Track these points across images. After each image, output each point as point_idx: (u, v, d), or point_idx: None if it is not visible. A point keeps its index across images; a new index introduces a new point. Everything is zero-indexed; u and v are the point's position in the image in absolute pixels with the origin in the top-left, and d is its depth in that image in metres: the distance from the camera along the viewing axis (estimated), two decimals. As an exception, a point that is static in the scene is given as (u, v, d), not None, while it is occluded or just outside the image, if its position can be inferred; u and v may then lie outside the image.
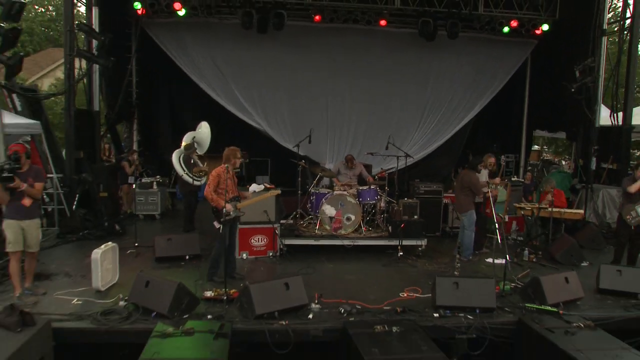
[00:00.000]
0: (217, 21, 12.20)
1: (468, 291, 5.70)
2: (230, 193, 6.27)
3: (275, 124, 12.80)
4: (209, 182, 6.39)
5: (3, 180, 5.27)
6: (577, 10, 11.82)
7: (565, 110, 12.08)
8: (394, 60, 12.87)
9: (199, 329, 4.83)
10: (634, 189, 7.09)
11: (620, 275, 6.41)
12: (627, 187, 7.18)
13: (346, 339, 4.96)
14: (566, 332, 5.05)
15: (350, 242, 8.00)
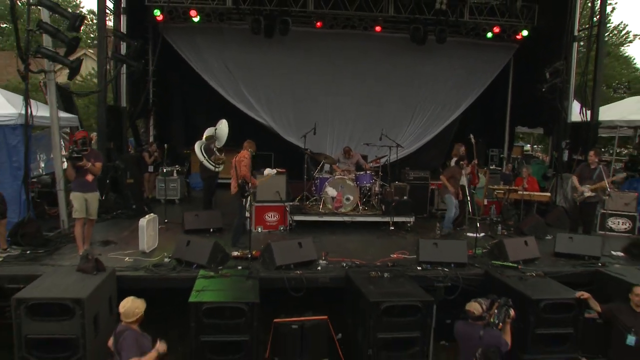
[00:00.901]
0: (227, 27, 13.60)
1: (445, 250, 7.17)
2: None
3: (279, 120, 14.20)
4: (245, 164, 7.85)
5: (73, 160, 6.70)
6: (552, 18, 13.30)
7: (543, 108, 13.56)
8: (388, 62, 14.31)
9: (233, 274, 6.29)
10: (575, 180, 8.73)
11: (572, 241, 7.90)
12: (577, 174, 8.81)
13: (348, 281, 6.43)
14: (520, 278, 6.53)
15: (350, 219, 9.47)
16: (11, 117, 8.27)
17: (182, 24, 13.37)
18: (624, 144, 18.91)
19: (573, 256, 7.72)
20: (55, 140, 8.32)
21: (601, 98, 13.64)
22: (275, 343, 5.71)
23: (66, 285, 5.61)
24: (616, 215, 9.75)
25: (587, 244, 7.85)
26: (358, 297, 5.94)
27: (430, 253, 7.15)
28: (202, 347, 5.28)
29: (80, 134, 7.02)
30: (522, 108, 15.25)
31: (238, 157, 8.18)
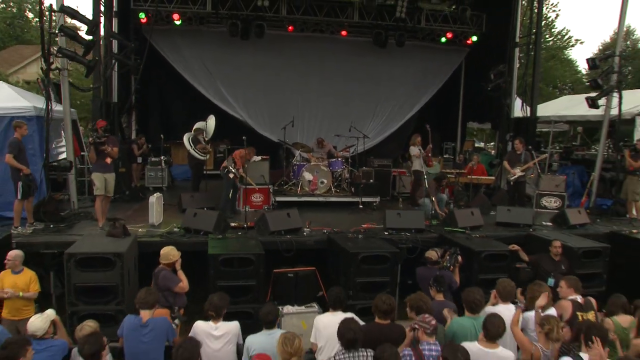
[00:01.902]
0: (206, 29, 14.98)
1: (406, 219, 8.87)
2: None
3: (254, 115, 15.64)
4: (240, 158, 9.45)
5: (97, 145, 8.02)
6: (498, 26, 15.27)
7: (490, 105, 15.50)
8: (353, 63, 16.00)
9: (237, 236, 7.76)
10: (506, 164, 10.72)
11: (510, 212, 9.73)
12: (506, 160, 10.78)
13: (330, 242, 8.02)
14: (467, 238, 8.27)
15: (324, 199, 11.05)
16: (27, 109, 9.46)
17: (164, 27, 14.62)
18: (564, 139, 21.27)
19: (510, 224, 9.55)
20: (68, 130, 9.53)
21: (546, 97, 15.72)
22: (275, 288, 7.22)
23: (103, 245, 6.97)
24: (549, 195, 11.68)
25: (522, 215, 9.71)
26: (339, 251, 7.54)
27: (394, 221, 8.82)
28: (220, 290, 6.73)
29: (102, 123, 8.35)
30: (473, 105, 17.22)
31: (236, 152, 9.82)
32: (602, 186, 12.16)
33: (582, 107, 12.79)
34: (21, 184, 8.03)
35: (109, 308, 6.48)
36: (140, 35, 14.37)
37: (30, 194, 8.22)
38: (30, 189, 8.17)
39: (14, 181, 8.11)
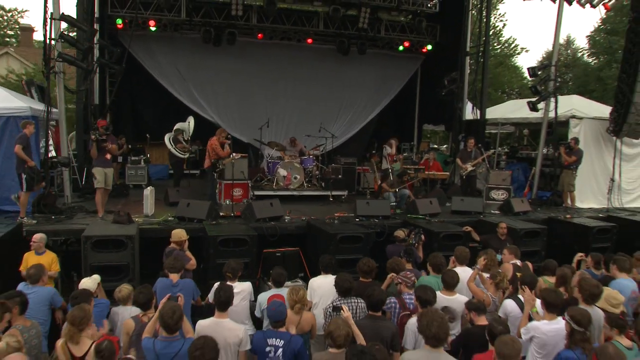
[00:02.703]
0: (180, 36, 15.98)
1: (374, 207, 10.22)
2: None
3: (225, 117, 16.69)
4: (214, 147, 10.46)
5: (99, 142, 8.99)
6: (450, 36, 16.94)
7: (444, 109, 17.10)
8: (318, 69, 17.35)
9: (229, 223, 8.89)
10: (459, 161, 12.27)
11: (463, 202, 11.24)
12: (458, 157, 12.30)
13: (310, 227, 9.27)
14: (427, 222, 9.68)
15: (298, 193, 12.27)
16: (22, 109, 10.23)
17: (140, 32, 15.49)
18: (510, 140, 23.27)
19: (464, 212, 11.05)
20: (63, 129, 10.40)
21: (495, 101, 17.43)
22: (265, 266, 8.37)
23: (114, 229, 7.98)
24: (496, 188, 13.27)
25: (473, 204, 11.25)
26: (319, 233, 8.80)
27: (364, 209, 10.16)
28: (218, 267, 7.84)
29: (103, 122, 9.31)
30: (428, 109, 18.83)
31: (209, 143, 10.81)
32: (542, 180, 13.91)
33: (525, 110, 14.49)
34: (25, 176, 8.87)
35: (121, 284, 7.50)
36: (115, 40, 15.22)
37: (34, 185, 9.06)
38: (34, 181, 9.00)
39: (18, 173, 8.93)
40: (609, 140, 13.15)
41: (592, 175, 13.00)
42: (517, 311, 5.44)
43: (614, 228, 9.93)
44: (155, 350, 4.16)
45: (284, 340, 4.49)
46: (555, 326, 4.73)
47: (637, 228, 10.40)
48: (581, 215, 11.35)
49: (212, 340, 3.81)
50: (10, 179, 9.80)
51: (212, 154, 10.87)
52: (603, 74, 28.10)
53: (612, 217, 11.28)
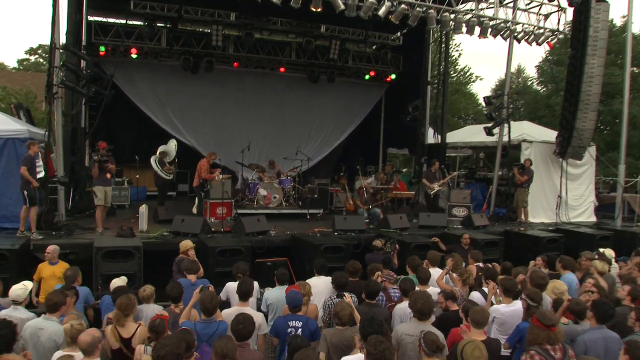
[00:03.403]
0: (158, 63, 16.95)
1: (350, 222, 11.38)
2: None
3: (202, 141, 17.63)
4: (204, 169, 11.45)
5: (101, 162, 9.87)
6: (413, 66, 18.53)
7: (407, 133, 18.57)
8: (290, 95, 18.60)
9: (222, 236, 9.87)
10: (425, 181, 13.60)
11: (429, 217, 12.54)
12: (424, 177, 13.66)
13: (295, 239, 10.35)
14: (399, 234, 10.90)
15: (277, 211, 13.32)
16: (21, 132, 10.97)
17: (121, 59, 16.38)
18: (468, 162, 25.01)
19: (430, 226, 12.33)
20: (59, 150, 11.16)
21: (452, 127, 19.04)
22: (257, 274, 9.37)
23: (122, 241, 8.84)
24: (457, 206, 14.65)
25: (438, 219, 12.58)
26: (304, 245, 9.89)
27: (342, 224, 11.31)
28: (217, 275, 8.80)
29: (103, 144, 10.20)
30: (392, 133, 20.31)
31: (199, 164, 11.82)
32: (498, 198, 15.42)
33: (481, 135, 16.06)
34: (27, 192, 9.62)
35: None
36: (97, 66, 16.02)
37: (35, 203, 9.80)
38: (35, 199, 9.76)
39: (22, 191, 9.68)
40: (556, 162, 14.81)
41: (542, 193, 14.60)
42: (482, 300, 6.66)
43: (561, 238, 11.42)
44: (196, 330, 5.12)
45: (302, 322, 5.53)
46: (512, 308, 5.95)
47: (581, 238, 11.91)
48: (533, 228, 12.86)
49: (250, 317, 4.82)
50: (8, 197, 10.52)
51: (202, 173, 11.84)
52: (551, 101, 30.42)
53: (560, 229, 12.82)
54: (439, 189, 13.75)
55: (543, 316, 4.60)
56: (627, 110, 14.86)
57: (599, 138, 23.73)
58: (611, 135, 26.76)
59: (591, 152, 15.14)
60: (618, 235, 12.23)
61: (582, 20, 13.54)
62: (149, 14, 14.96)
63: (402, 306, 6.05)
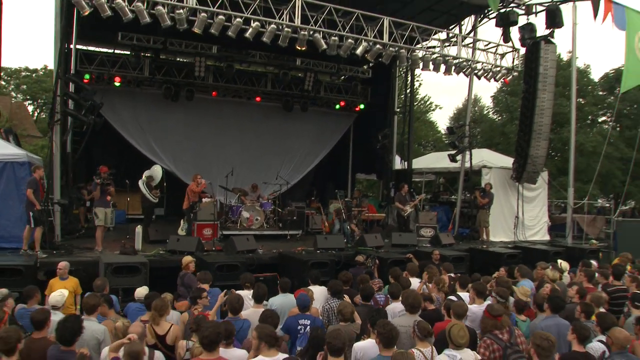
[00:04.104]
0: (140, 91, 17.84)
1: (331, 241, 12.51)
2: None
3: (181, 166, 18.49)
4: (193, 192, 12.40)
5: (104, 186, 10.72)
6: (380, 97, 20.05)
7: (375, 160, 19.97)
8: (265, 123, 19.76)
9: (217, 254, 10.83)
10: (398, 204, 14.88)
11: (401, 237, 13.81)
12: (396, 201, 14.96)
13: (282, 257, 11.39)
14: (375, 252, 12.08)
15: (259, 232, 14.33)
16: (20, 156, 11.65)
17: (103, 87, 17.20)
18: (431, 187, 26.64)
19: (402, 245, 13.58)
20: (57, 174, 11.91)
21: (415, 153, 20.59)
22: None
23: (128, 258, 9.70)
24: (425, 226, 15.98)
25: (409, 238, 13.87)
26: (292, 261, 10.94)
27: (323, 243, 12.43)
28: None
29: (105, 169, 11.05)
30: (360, 160, 21.69)
31: (189, 188, 12.78)
32: (461, 219, 16.88)
33: (444, 161, 17.58)
34: (32, 214, 10.38)
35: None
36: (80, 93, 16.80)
37: (40, 224, 10.55)
38: (39, 220, 10.51)
39: (27, 211, 10.42)
40: (513, 186, 16.42)
41: (501, 214, 16.13)
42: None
43: (519, 254, 12.85)
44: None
45: (310, 320, 6.56)
46: (482, 307, 7.16)
47: (536, 254, 13.35)
48: (494, 245, 14.29)
49: (275, 312, 5.86)
50: (6, 219, 11.15)
51: (191, 196, 12.79)
52: (506, 129, 32.66)
53: (518, 246, 14.30)
54: (410, 211, 15.06)
55: (492, 308, 5.86)
56: (574, 138, 16.68)
57: (550, 164, 25.74)
58: (561, 161, 29.02)
59: (544, 176, 16.86)
60: (569, 251, 13.75)
61: (533, 60, 15.30)
62: (135, 45, 15.91)
63: (391, 307, 7.20)
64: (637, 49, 15.57)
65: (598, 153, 25.22)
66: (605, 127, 32.80)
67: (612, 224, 17.42)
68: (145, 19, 10.64)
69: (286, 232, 14.69)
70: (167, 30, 12.03)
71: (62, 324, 5.09)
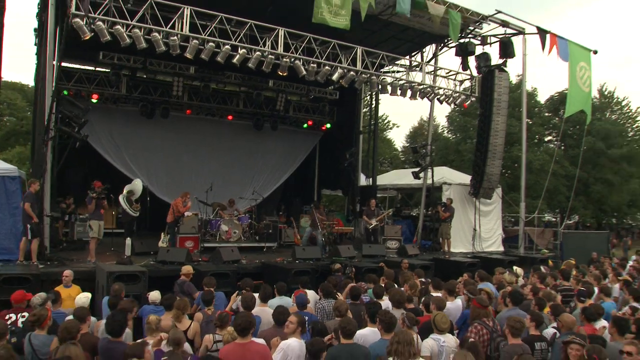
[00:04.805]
0: (115, 107, 18.54)
1: (308, 252, 13.60)
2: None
3: (155, 181, 19.21)
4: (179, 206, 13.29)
5: (99, 199, 11.49)
6: (346, 117, 21.43)
7: (340, 176, 21.24)
8: (236, 141, 20.77)
9: (207, 264, 11.75)
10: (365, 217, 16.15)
11: (371, 247, 15.04)
12: (365, 215, 16.23)
13: (265, 266, 12.41)
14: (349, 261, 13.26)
15: (237, 245, 15.26)
16: (11, 170, 12.25)
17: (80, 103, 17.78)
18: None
19: (372, 255, 14.80)
20: (47, 189, 12.55)
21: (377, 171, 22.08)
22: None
23: (127, 267, 10.50)
24: (390, 239, 17.31)
25: (378, 249, 15.11)
26: (275, 270, 11.96)
27: (301, 253, 13.50)
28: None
29: (99, 184, 11.81)
30: (326, 176, 22.96)
31: (174, 202, 13.65)
32: (424, 232, 18.31)
33: (406, 178, 19.05)
34: (30, 226, 11.06)
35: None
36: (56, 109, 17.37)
37: (37, 235, 11.21)
38: (37, 232, 11.19)
39: (24, 224, 11.08)
40: (470, 201, 17.99)
41: (460, 227, 17.64)
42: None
43: (478, 262, 14.28)
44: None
45: (308, 317, 7.63)
46: (455, 304, 8.44)
47: (493, 263, 14.81)
48: (455, 256, 15.72)
49: (286, 308, 6.92)
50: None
51: (175, 210, 13.65)
52: (460, 147, 34.74)
53: (477, 256, 15.77)
54: (376, 224, 16.35)
55: (481, 300, 7.11)
56: (525, 157, 18.46)
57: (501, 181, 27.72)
58: (511, 178, 31.23)
59: (498, 192, 18.55)
60: (522, 260, 15.31)
61: (489, 86, 16.98)
62: (115, 64, 16.68)
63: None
64: (578, 79, 17.55)
65: (545, 170, 27.51)
66: (551, 146, 35.45)
67: (559, 235, 19.28)
68: (142, 45, 11.56)
69: (263, 245, 15.70)
70: (146, 51, 12.91)
71: (111, 318, 6.01)
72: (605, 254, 18.02)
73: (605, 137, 35.68)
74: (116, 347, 5.78)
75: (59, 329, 5.64)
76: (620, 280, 10.88)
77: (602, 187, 35.66)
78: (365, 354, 5.61)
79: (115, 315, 6.19)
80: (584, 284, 9.57)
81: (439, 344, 5.94)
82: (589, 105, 18.96)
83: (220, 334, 6.40)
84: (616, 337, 6.23)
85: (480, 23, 16.28)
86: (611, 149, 35.87)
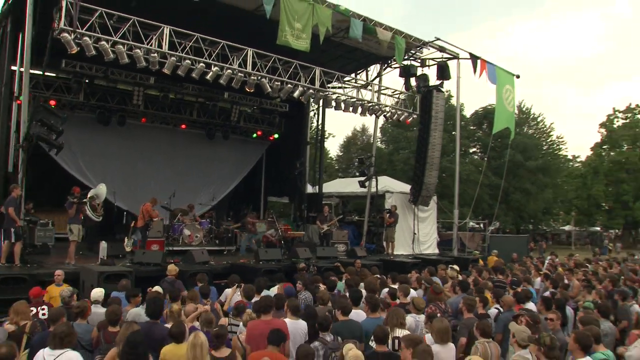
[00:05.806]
0: (72, 114, 19.06)
1: (270, 254, 14.97)
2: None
3: (110, 187, 19.79)
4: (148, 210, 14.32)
5: (79, 204, 12.36)
6: (294, 128, 22.98)
7: (286, 184, 22.73)
8: (189, 149, 21.80)
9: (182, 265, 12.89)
10: (318, 223, 17.71)
11: (324, 250, 16.61)
12: (318, 220, 17.82)
13: (233, 266, 13.68)
14: (307, 262, 14.77)
15: (199, 248, 16.37)
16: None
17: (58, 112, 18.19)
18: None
19: (326, 257, 16.35)
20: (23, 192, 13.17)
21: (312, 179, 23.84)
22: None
23: (114, 268, 11.48)
24: (339, 242, 18.94)
25: (331, 251, 16.71)
26: (245, 270, 13.27)
27: (264, 255, 14.84)
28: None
29: (77, 189, 12.66)
30: (273, 184, 24.38)
31: (144, 207, 14.67)
32: (368, 236, 20.14)
33: (350, 186, 20.85)
34: (14, 230, 11.78)
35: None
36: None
37: (20, 238, 11.93)
38: (20, 235, 11.91)
39: (8, 227, 11.76)
40: (409, 207, 20.02)
41: (401, 232, 19.60)
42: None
43: (420, 262, 16.22)
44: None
45: (297, 303, 9.08)
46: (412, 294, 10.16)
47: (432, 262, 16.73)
48: (399, 257, 17.63)
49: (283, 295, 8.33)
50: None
51: (145, 215, 14.64)
52: (393, 158, 37.12)
53: (417, 257, 17.75)
54: (328, 229, 17.97)
55: (436, 288, 8.92)
56: (458, 168, 20.76)
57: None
58: (441, 187, 33.80)
59: (434, 200, 20.69)
60: (457, 260, 17.42)
61: (427, 104, 19.11)
62: (77, 72, 17.34)
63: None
64: (504, 99, 20.06)
65: (471, 180, 30.30)
66: (475, 157, 38.63)
67: (486, 238, 21.74)
68: (124, 60, 12.60)
69: (223, 248, 16.91)
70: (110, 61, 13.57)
71: (151, 302, 7.19)
72: (526, 255, 20.55)
73: (523, 150, 39.50)
74: (156, 327, 6.93)
75: (106, 312, 6.83)
76: (540, 274, 13.09)
77: (520, 196, 39.49)
78: (359, 328, 7.14)
79: (154, 300, 7.36)
80: (514, 276, 11.68)
81: (416, 319, 7.60)
82: (513, 123, 21.60)
83: (235, 319, 7.75)
84: (544, 312, 8.15)
85: (421, 48, 18.36)
86: (528, 161, 39.76)
